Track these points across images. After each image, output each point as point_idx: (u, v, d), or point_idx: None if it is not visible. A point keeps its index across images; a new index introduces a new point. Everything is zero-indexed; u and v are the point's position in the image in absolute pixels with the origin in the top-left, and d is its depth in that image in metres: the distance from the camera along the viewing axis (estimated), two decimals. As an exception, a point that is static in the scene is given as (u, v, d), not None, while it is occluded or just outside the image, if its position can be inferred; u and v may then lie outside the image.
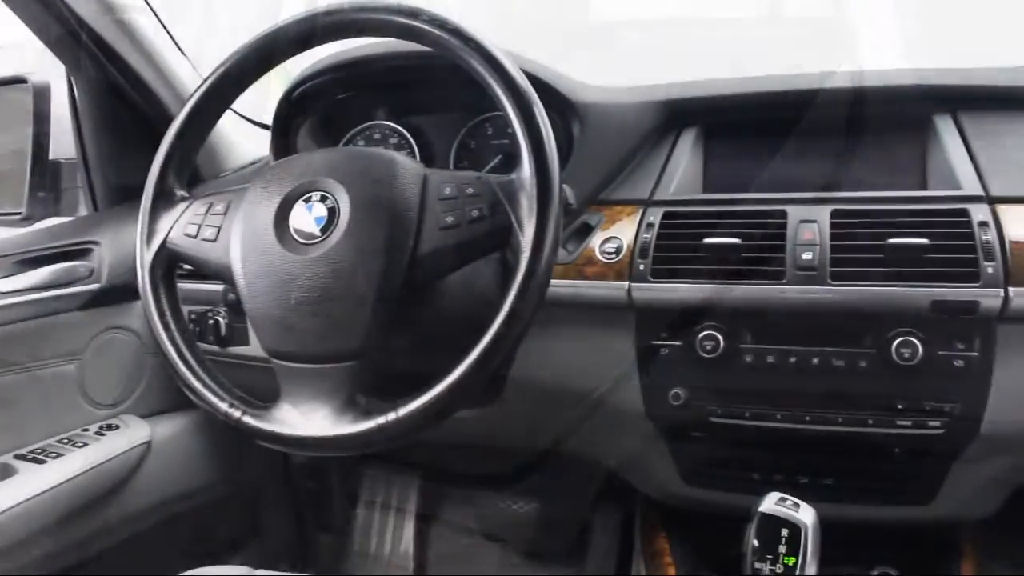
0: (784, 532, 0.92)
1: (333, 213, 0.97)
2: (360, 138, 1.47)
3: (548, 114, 0.97)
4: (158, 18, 1.53)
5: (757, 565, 0.92)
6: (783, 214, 1.15)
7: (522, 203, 0.94)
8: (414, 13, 0.98)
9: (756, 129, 1.29)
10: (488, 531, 1.88)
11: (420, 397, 0.92)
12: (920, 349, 1.08)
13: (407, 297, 0.97)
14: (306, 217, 0.99)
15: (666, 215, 1.19)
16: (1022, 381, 1.09)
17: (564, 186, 1.04)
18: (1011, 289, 1.05)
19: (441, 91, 1.38)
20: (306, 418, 0.95)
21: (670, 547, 1.34)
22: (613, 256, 1.19)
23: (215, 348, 1.42)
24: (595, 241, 1.21)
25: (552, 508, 1.83)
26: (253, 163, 1.63)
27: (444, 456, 1.96)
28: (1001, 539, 1.35)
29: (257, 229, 1.00)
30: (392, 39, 1.03)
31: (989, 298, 1.06)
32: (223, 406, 1.00)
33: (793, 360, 1.14)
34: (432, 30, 0.98)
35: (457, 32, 0.97)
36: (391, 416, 0.92)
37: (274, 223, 0.99)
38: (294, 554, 1.96)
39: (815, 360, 1.13)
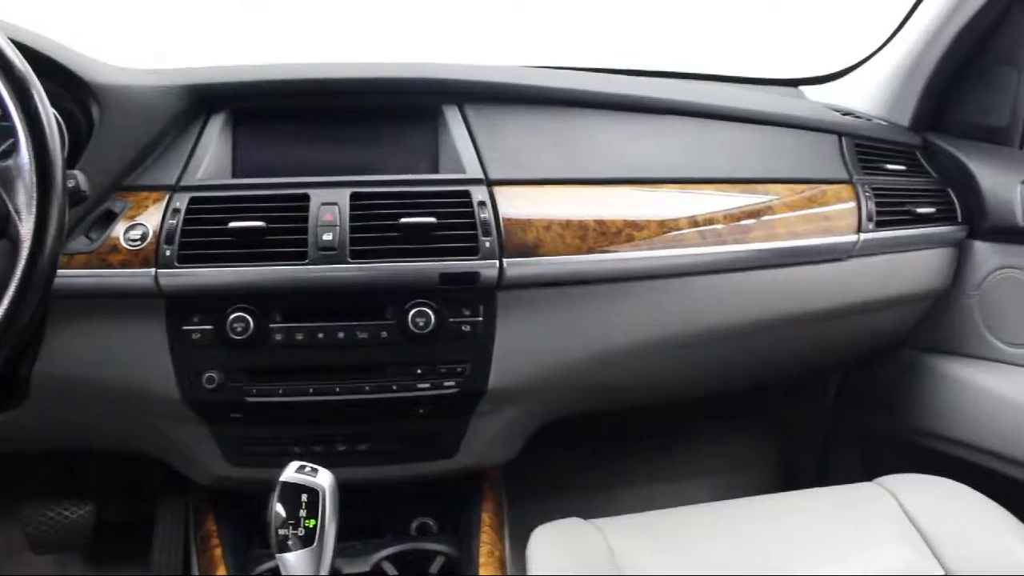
0: (304, 497, 0.97)
1: None
2: None
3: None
4: None
5: (281, 532, 0.96)
6: (306, 197, 1.20)
7: (19, 191, 0.89)
8: None
9: (284, 115, 1.33)
10: (40, 544, 1.74)
11: None
12: (433, 318, 1.20)
13: None
14: None
15: (192, 200, 1.19)
16: (518, 341, 1.26)
17: (75, 172, 1.00)
18: (505, 260, 1.21)
19: None
20: None
21: (218, 529, 1.35)
22: (138, 243, 1.17)
23: None
24: (119, 229, 1.18)
25: (109, 508, 1.74)
26: None
27: None
28: (518, 480, 1.54)
29: None
30: None
31: (487, 269, 1.20)
32: None
33: (321, 336, 1.20)
34: None
35: None
36: None
37: None
38: None
39: (341, 335, 1.20)
